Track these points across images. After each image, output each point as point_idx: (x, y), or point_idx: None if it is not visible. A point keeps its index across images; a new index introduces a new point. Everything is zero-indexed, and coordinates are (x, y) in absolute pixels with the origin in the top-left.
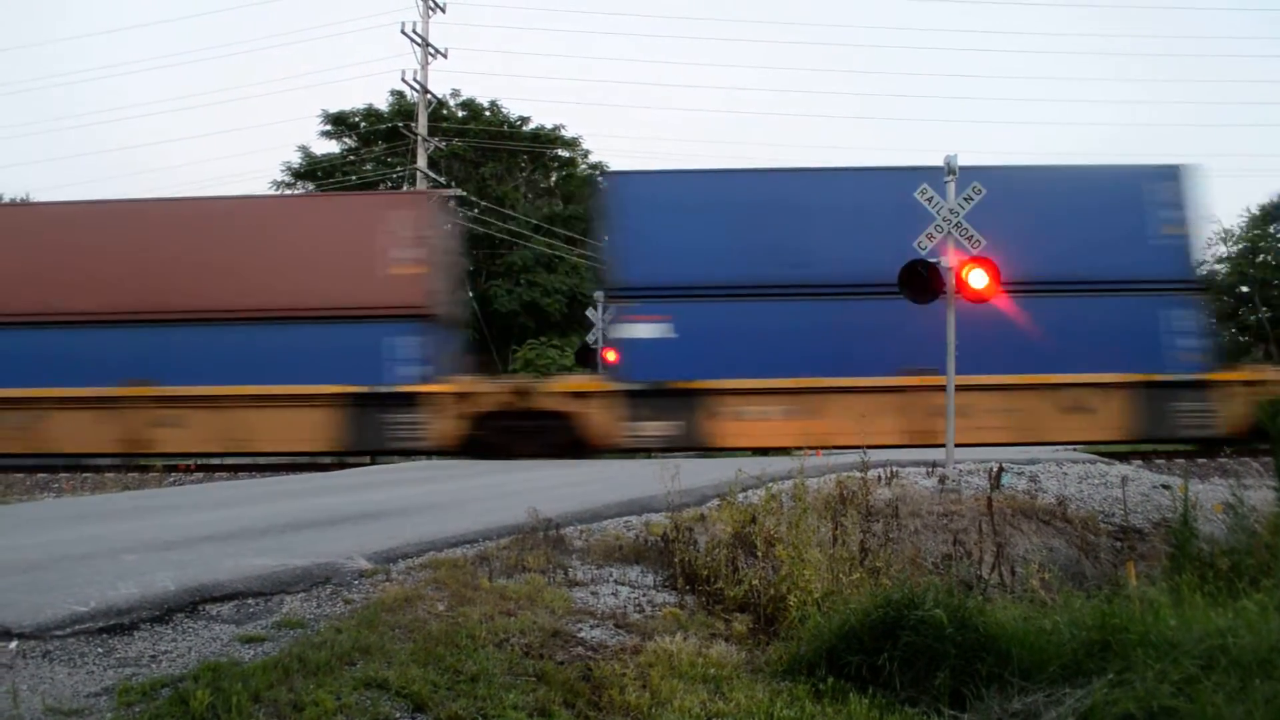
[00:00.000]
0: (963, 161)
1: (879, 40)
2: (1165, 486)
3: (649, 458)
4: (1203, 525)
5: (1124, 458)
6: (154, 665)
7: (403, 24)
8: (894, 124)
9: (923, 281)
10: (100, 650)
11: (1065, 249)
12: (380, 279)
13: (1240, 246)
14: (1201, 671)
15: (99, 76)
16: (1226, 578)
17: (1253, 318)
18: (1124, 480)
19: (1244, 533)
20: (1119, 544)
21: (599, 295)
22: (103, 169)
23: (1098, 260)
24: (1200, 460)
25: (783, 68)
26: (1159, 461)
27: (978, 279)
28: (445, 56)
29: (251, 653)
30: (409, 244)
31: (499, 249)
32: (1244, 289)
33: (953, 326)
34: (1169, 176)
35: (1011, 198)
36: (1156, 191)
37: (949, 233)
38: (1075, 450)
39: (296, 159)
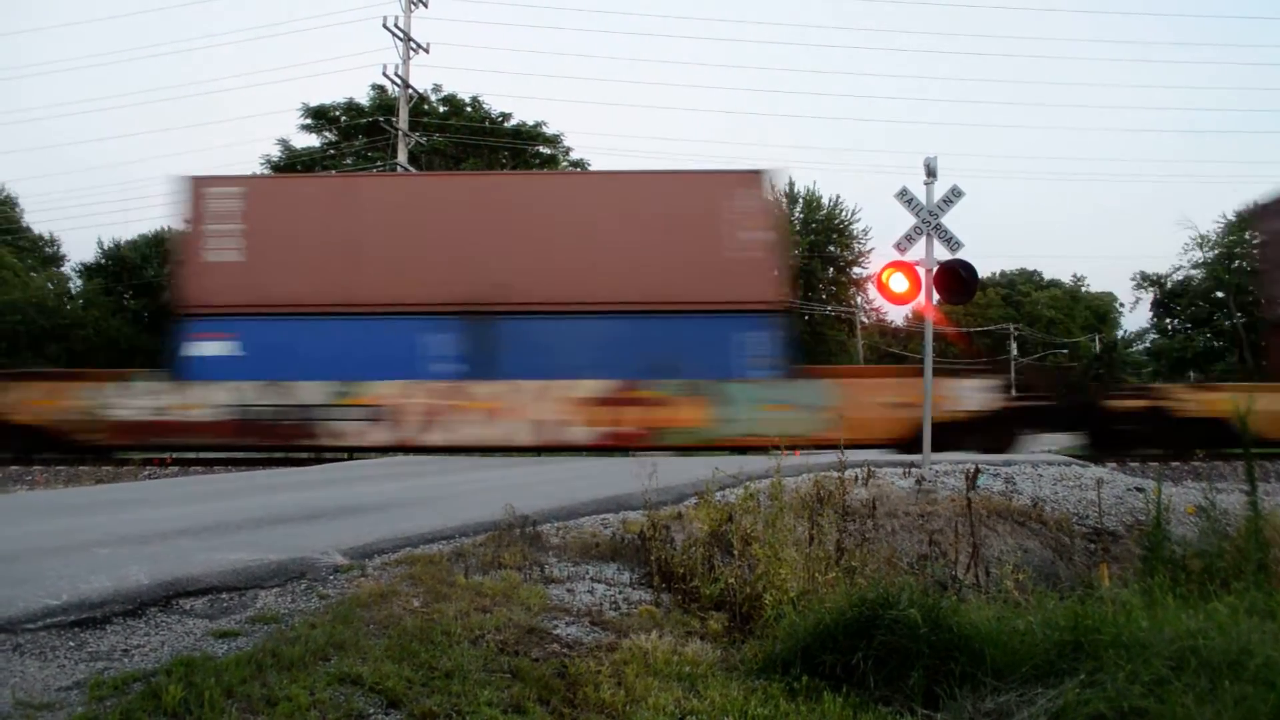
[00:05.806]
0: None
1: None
2: (1139, 489)
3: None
4: (1175, 528)
5: (1099, 460)
6: (126, 659)
7: (385, 18)
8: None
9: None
10: (72, 644)
11: None
12: None
13: (1216, 252)
14: (1172, 672)
15: (75, 68)
16: (1198, 580)
17: (1227, 323)
18: (1099, 482)
19: (1216, 535)
20: (1093, 546)
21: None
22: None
23: None
24: (1174, 464)
25: (775, 68)
26: (1133, 465)
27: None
28: (427, 51)
29: (225, 647)
30: None
31: None
32: (1219, 294)
33: (929, 329)
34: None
35: None
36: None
37: (928, 234)
38: (1051, 452)
39: (276, 152)
